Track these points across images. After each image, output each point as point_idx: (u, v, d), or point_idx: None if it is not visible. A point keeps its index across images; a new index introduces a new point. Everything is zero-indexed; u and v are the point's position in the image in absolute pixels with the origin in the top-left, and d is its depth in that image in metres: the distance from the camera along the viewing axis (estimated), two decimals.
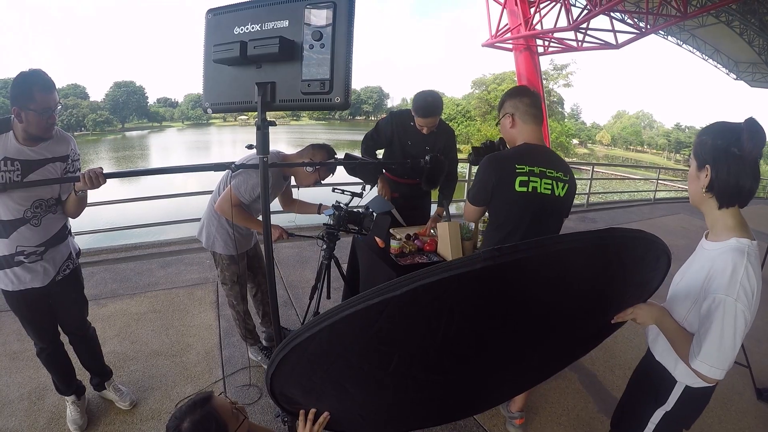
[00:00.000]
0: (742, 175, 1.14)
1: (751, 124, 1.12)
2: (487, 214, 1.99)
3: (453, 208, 9.13)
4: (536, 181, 1.79)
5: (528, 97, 1.87)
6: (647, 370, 1.48)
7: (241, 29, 1.12)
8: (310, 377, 1.10)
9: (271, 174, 2.25)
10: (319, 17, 1.03)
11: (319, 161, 2.27)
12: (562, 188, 1.85)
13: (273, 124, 1.17)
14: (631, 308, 1.26)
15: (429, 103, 2.68)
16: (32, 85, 1.65)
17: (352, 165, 2.22)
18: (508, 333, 1.06)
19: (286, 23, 1.06)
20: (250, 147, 1.23)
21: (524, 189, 1.79)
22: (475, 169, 2.11)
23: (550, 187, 1.82)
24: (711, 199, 1.21)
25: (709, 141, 1.17)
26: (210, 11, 1.20)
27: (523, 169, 1.78)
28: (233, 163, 1.34)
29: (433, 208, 3.24)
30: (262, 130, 1.15)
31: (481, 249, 2.07)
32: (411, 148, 2.88)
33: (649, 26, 12.28)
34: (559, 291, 0.98)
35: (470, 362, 1.12)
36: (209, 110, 1.23)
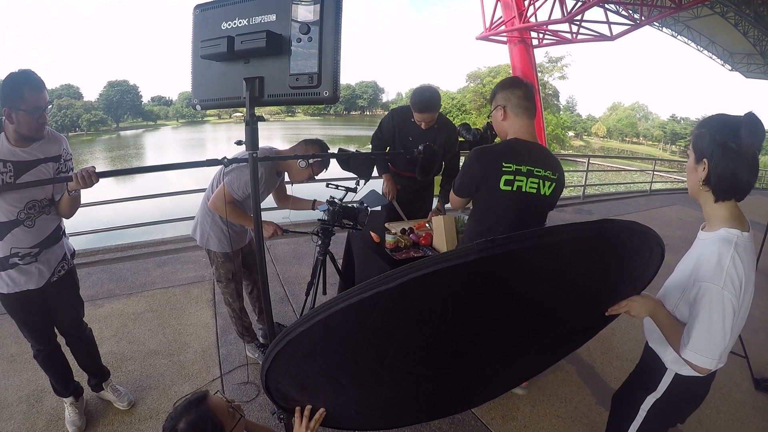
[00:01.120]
0: (739, 171, 1.14)
1: (751, 119, 1.11)
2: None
3: None
4: (522, 180, 1.76)
5: (520, 89, 1.82)
6: (642, 358, 1.49)
7: (229, 24, 1.11)
8: (306, 372, 1.10)
9: (265, 170, 2.24)
10: (306, 12, 1.02)
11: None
12: (549, 187, 1.82)
13: (261, 119, 1.16)
14: (625, 301, 1.26)
15: (426, 98, 2.68)
16: (22, 85, 1.64)
17: (345, 157, 2.22)
18: (502, 325, 1.06)
19: (273, 17, 1.05)
20: (239, 143, 1.22)
21: (509, 188, 1.76)
22: None
23: (536, 186, 1.79)
24: (708, 192, 1.21)
25: (708, 135, 1.16)
26: (197, 7, 1.19)
27: (510, 167, 1.74)
28: (225, 157, 1.33)
29: (435, 203, 3.25)
30: (251, 125, 1.14)
31: (461, 239, 2.06)
32: (412, 143, 2.87)
33: (643, 17, 12.25)
34: (554, 283, 0.98)
35: (465, 355, 1.12)
36: (198, 107, 1.22)
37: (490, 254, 0.78)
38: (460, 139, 2.42)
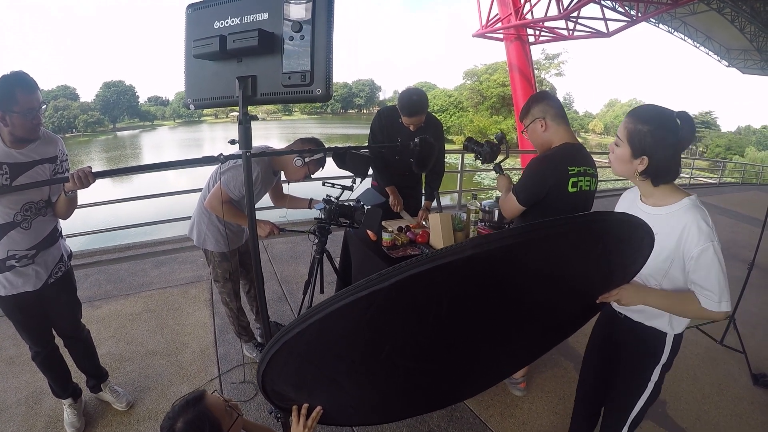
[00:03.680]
0: (675, 163, 1.28)
1: (687, 119, 1.23)
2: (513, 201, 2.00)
3: (447, 200, 9.14)
4: (582, 180, 1.91)
5: (553, 99, 1.99)
6: (640, 337, 1.49)
7: (221, 23, 1.11)
8: (302, 372, 1.10)
9: (261, 169, 2.24)
10: (298, 11, 1.02)
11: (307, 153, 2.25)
12: (594, 183, 2.00)
13: (255, 118, 1.16)
14: (616, 289, 1.30)
15: (414, 102, 2.69)
16: (14, 87, 1.63)
17: (341, 151, 2.22)
18: (496, 318, 1.07)
19: (265, 16, 1.05)
20: (232, 142, 1.22)
21: (575, 189, 1.89)
22: (468, 159, 2.11)
23: (589, 183, 1.95)
24: (646, 180, 1.33)
25: (649, 135, 1.25)
26: (190, 6, 1.19)
27: (574, 170, 1.88)
28: (222, 154, 1.34)
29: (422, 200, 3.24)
30: (244, 124, 1.14)
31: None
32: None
33: (640, 14, 12.27)
34: (548, 275, 0.99)
35: (459, 348, 1.12)
36: (191, 106, 1.22)
37: (484, 249, 0.79)
38: (470, 154, 2.41)
